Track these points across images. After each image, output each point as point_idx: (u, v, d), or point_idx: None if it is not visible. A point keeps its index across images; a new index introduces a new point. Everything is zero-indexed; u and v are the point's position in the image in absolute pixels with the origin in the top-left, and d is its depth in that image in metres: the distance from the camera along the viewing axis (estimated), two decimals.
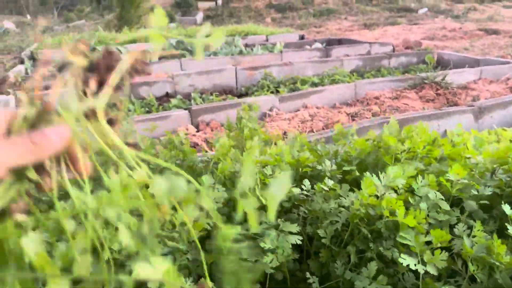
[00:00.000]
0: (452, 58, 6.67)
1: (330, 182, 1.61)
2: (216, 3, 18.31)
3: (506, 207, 1.32)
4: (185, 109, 4.16)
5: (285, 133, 3.48)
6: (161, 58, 7.47)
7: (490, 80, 5.21)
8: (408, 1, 18.54)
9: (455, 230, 1.36)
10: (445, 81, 4.76)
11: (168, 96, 5.37)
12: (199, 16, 15.79)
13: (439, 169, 1.71)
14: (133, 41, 8.65)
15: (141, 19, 11.98)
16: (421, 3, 18.07)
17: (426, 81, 4.82)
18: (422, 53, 7.19)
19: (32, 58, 8.19)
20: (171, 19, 13.57)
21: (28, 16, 20.02)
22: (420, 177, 1.48)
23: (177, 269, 1.29)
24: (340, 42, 9.39)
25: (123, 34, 9.05)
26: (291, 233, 1.41)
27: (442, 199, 1.47)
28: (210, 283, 1.13)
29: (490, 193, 1.48)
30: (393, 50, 8.25)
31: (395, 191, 1.46)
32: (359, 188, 1.56)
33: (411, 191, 1.54)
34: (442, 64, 6.76)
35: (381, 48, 8.22)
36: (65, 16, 18.71)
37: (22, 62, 7.83)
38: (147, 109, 4.72)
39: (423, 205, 1.43)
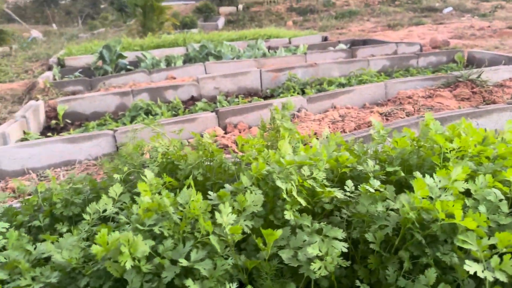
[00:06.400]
0: (484, 57, 6.42)
1: (376, 183, 1.51)
2: (237, 8, 18.37)
3: None
4: (212, 111, 4.11)
5: (315, 134, 3.38)
6: (185, 62, 7.49)
7: None
8: (432, 1, 18.12)
9: None
10: (481, 79, 4.56)
11: (193, 99, 5.35)
12: (220, 21, 15.85)
13: (493, 169, 1.58)
14: (157, 46, 8.72)
15: (163, 26, 12.11)
16: (446, 3, 17.63)
17: (460, 79, 4.63)
18: (451, 52, 6.95)
19: (59, 64, 8.31)
20: (193, 25, 13.64)
21: (54, 25, 20.55)
22: (479, 178, 1.36)
23: (219, 275, 1.21)
24: (364, 42, 9.22)
25: (147, 40, 9.13)
26: (336, 239, 1.31)
27: (502, 199, 1.35)
28: None
29: None
30: (421, 50, 8.02)
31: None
32: (403, 190, 1.45)
33: (465, 193, 1.42)
34: (472, 63, 6.51)
35: (408, 48, 8.01)
36: (89, 24, 19.11)
37: (50, 68, 7.97)
38: (173, 112, 4.70)
39: (482, 208, 1.31)
